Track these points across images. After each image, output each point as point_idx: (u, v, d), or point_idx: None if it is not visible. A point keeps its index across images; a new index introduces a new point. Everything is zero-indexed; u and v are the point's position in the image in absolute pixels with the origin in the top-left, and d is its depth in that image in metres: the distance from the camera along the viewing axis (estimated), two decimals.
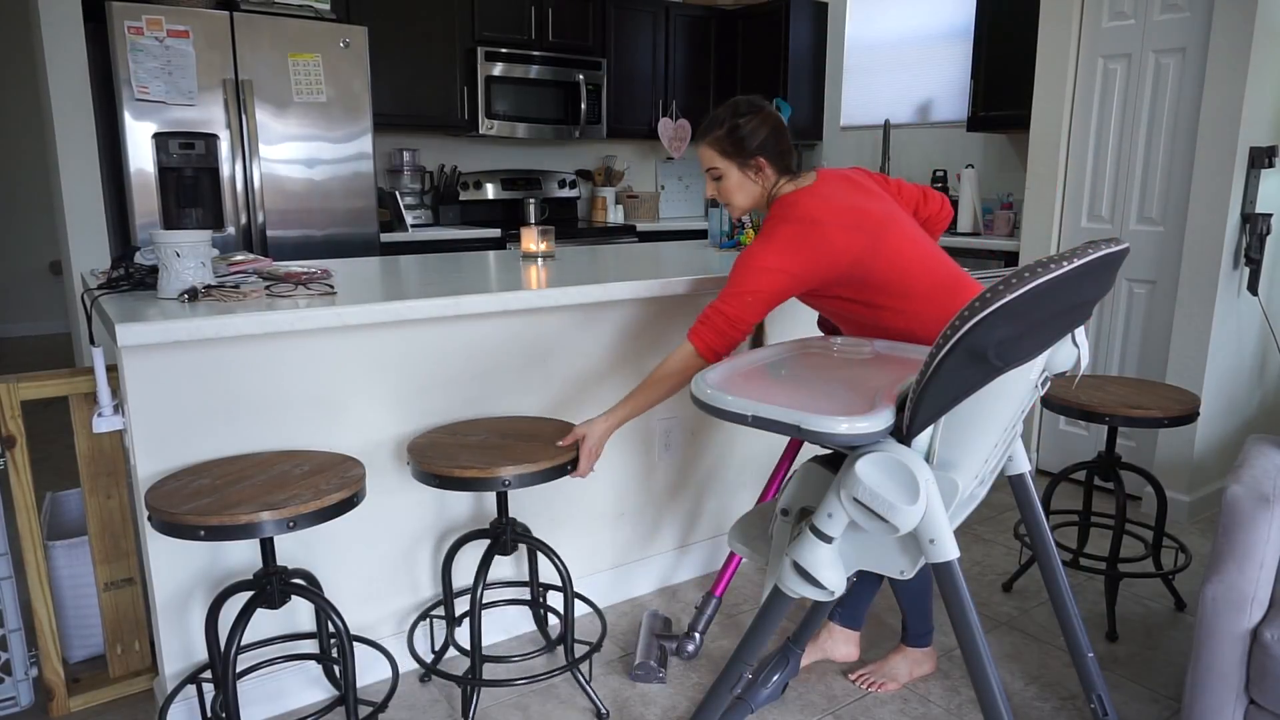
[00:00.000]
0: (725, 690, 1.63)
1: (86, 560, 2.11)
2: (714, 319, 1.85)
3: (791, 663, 1.99)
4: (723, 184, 2.00)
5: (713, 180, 2.01)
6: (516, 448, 1.89)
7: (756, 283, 1.83)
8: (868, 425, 1.28)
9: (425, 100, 4.42)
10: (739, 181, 1.98)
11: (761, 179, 1.98)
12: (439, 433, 2.01)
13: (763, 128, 1.95)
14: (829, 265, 1.84)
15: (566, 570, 2.02)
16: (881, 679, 2.17)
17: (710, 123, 1.98)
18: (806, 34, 5.13)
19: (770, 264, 1.83)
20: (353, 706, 1.75)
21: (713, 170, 1.99)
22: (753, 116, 1.95)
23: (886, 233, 1.87)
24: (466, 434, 1.99)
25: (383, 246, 4.07)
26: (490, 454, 1.85)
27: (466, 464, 1.78)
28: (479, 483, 1.77)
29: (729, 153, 1.96)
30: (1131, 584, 2.73)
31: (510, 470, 1.77)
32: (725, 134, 1.95)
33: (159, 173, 3.42)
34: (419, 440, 1.95)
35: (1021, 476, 1.80)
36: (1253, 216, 2.99)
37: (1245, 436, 3.41)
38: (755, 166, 1.96)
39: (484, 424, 2.07)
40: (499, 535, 1.99)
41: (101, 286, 1.99)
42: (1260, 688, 1.65)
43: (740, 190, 1.99)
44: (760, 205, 2.03)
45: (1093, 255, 1.26)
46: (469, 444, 1.92)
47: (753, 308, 1.83)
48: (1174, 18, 3.07)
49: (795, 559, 1.41)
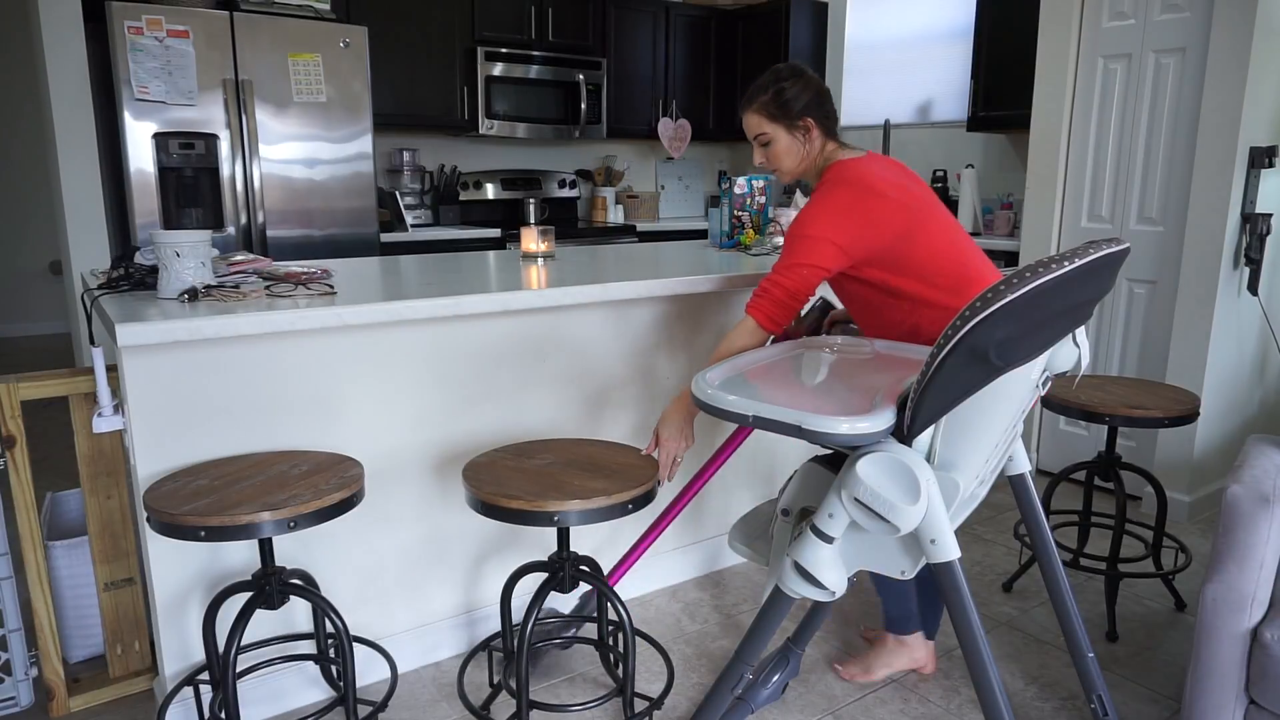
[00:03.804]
0: (726, 691, 1.63)
1: (86, 560, 2.11)
2: (773, 291, 1.86)
3: (791, 663, 1.99)
4: (772, 148, 1.99)
5: (760, 146, 2.01)
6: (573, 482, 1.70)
7: (813, 255, 1.83)
8: (868, 425, 1.28)
9: (425, 100, 4.42)
10: (788, 145, 1.98)
11: (809, 141, 1.98)
12: (502, 453, 1.88)
13: (807, 90, 1.96)
14: (874, 237, 1.84)
15: (628, 613, 1.83)
16: (856, 671, 2.17)
17: (754, 90, 1.99)
18: (806, 34, 5.13)
19: (822, 233, 1.83)
20: (352, 706, 1.75)
21: (761, 136, 1.99)
22: (796, 80, 1.96)
23: (929, 217, 1.88)
24: (532, 456, 1.86)
25: (383, 246, 4.07)
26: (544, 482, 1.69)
27: (514, 494, 1.63)
28: (526, 516, 1.61)
29: (776, 116, 1.96)
30: (1131, 584, 2.73)
31: (561, 505, 1.60)
32: (771, 98, 1.95)
33: (159, 173, 3.42)
34: (479, 460, 1.84)
35: (1022, 476, 1.80)
36: (1253, 216, 2.99)
37: (1245, 436, 3.41)
38: (804, 128, 1.96)
39: (555, 446, 1.93)
40: (557, 571, 1.84)
41: (101, 286, 1.99)
42: (1260, 688, 1.64)
43: (789, 154, 1.99)
44: (809, 171, 2.02)
45: (1094, 255, 1.26)
46: (527, 469, 1.77)
47: (809, 280, 1.84)
48: (1174, 18, 3.07)
49: (796, 559, 1.41)
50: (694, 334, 2.57)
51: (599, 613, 2.14)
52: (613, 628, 2.22)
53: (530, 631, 1.74)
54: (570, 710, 2.05)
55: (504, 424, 2.27)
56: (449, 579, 2.27)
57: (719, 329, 2.60)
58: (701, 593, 2.64)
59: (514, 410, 2.28)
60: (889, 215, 1.84)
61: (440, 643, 2.28)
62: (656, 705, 1.97)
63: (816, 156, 2.00)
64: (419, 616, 2.24)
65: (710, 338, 2.59)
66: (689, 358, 2.57)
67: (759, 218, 3.12)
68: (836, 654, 2.30)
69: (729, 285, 2.37)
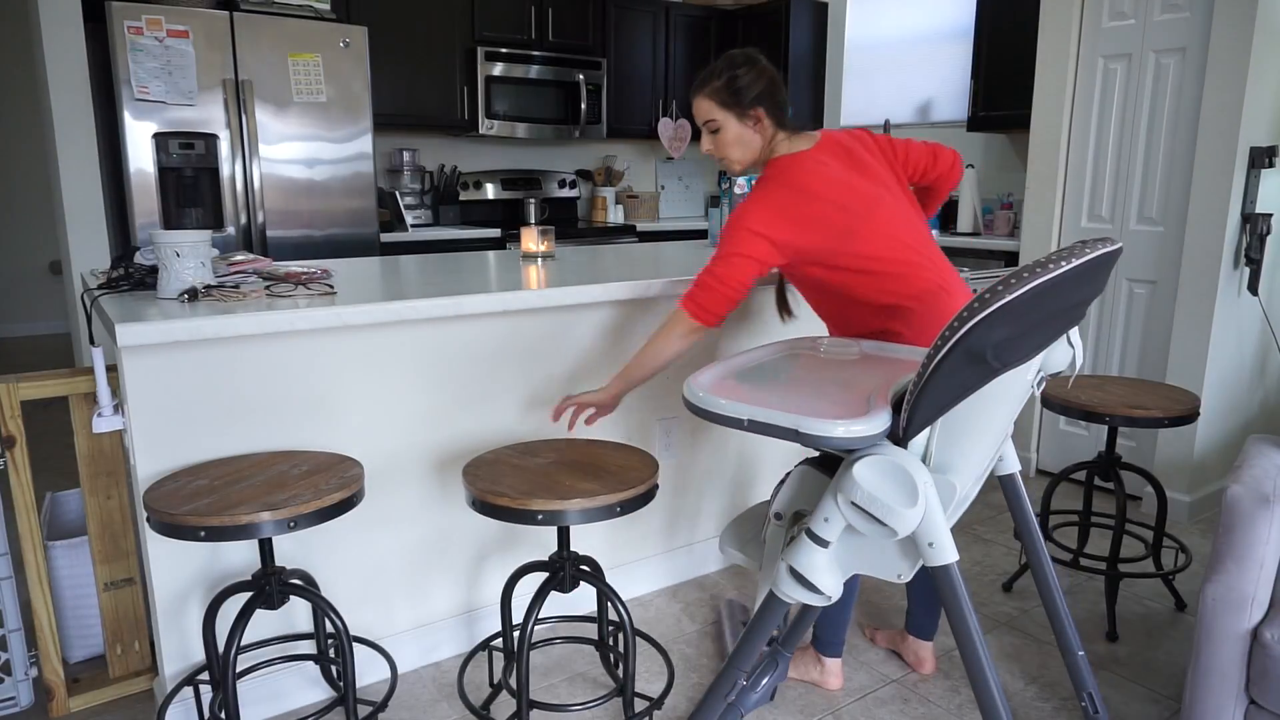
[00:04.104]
0: (719, 697, 1.63)
1: (86, 560, 2.11)
2: (709, 284, 1.84)
3: (780, 666, 1.99)
4: (720, 136, 1.96)
5: (710, 134, 1.98)
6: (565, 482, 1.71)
7: (749, 246, 1.82)
8: (864, 428, 1.27)
9: (425, 100, 4.42)
10: (737, 134, 1.95)
11: (760, 131, 1.95)
12: (503, 452, 1.90)
13: (760, 79, 1.92)
14: (808, 239, 1.84)
15: (628, 613, 1.84)
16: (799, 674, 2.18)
17: (707, 75, 1.95)
18: (806, 34, 5.13)
19: (759, 228, 1.82)
20: (352, 707, 1.75)
21: (710, 123, 1.96)
22: (750, 68, 1.93)
23: (871, 214, 1.86)
24: (536, 455, 1.87)
25: (383, 246, 4.07)
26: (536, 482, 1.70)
27: (503, 492, 1.65)
28: (513, 514, 1.63)
29: (727, 103, 1.93)
30: (1132, 584, 2.73)
31: (546, 505, 1.61)
32: (724, 84, 1.92)
33: (159, 173, 3.42)
34: (485, 456, 1.86)
35: (1011, 476, 1.80)
36: (1253, 216, 2.99)
37: (1245, 436, 3.40)
38: (754, 118, 1.93)
39: (561, 446, 1.94)
40: (557, 570, 1.84)
41: (101, 286, 1.99)
42: (1260, 688, 1.64)
43: (739, 143, 1.96)
44: (756, 161, 1.99)
45: (1090, 255, 1.26)
46: (525, 468, 1.78)
47: (743, 269, 1.83)
48: (1174, 18, 3.07)
49: (791, 564, 1.40)
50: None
51: (599, 612, 2.14)
52: (613, 628, 2.22)
53: (530, 631, 1.73)
54: (570, 710, 2.05)
55: (504, 424, 2.27)
56: (449, 579, 2.27)
57: (718, 328, 2.60)
58: (701, 593, 2.64)
59: (514, 410, 2.28)
60: (824, 218, 1.83)
61: (440, 643, 2.28)
62: (657, 705, 1.97)
63: (764, 147, 1.96)
64: (419, 617, 2.24)
65: (709, 338, 2.59)
66: (688, 357, 2.57)
67: None
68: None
69: None
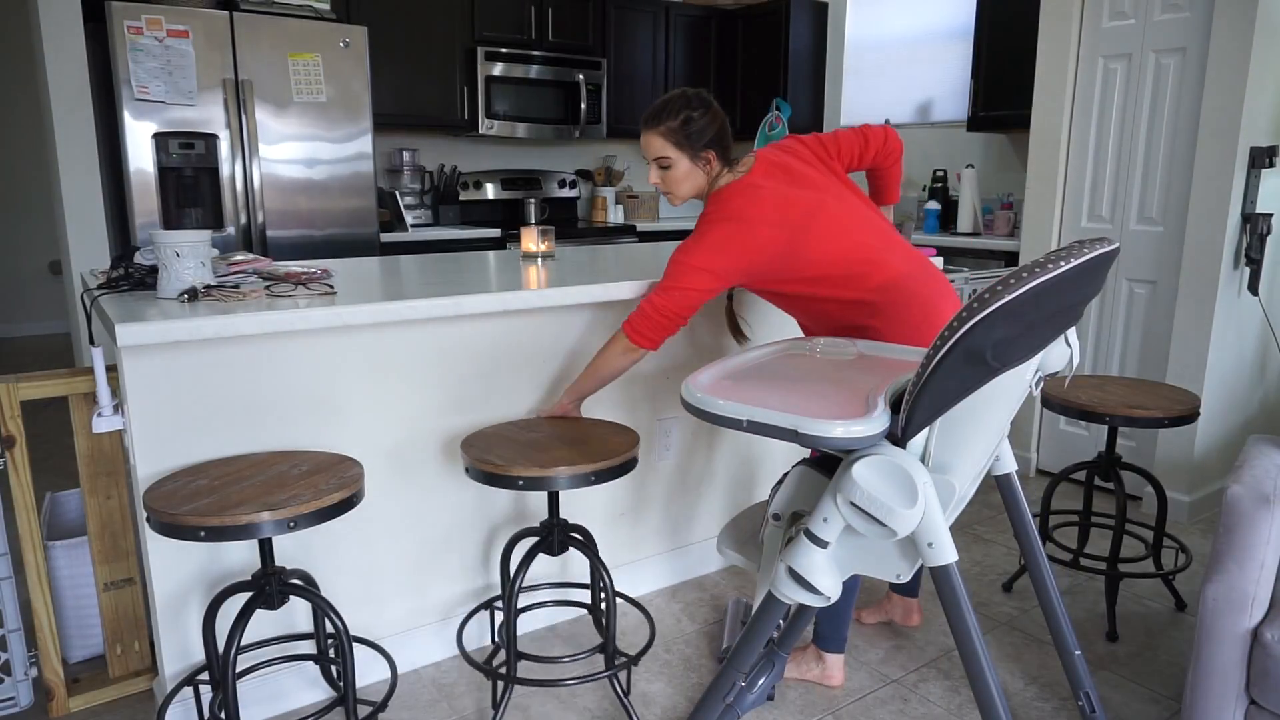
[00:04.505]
0: (718, 698, 1.63)
1: (86, 560, 2.11)
2: (648, 312, 1.95)
3: (777, 666, 1.99)
4: (670, 173, 2.04)
5: (660, 169, 2.05)
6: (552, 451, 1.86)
7: (688, 280, 1.92)
8: (863, 429, 1.27)
9: (425, 100, 4.42)
10: (687, 171, 2.03)
11: (708, 170, 2.04)
12: (505, 426, 2.06)
13: (714, 123, 2.01)
14: (751, 262, 1.93)
15: (610, 578, 1.97)
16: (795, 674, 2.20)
17: (661, 111, 2.00)
18: (806, 34, 5.13)
19: (700, 263, 1.92)
20: (352, 707, 1.75)
21: (662, 160, 2.03)
22: (705, 111, 2.01)
23: (814, 223, 1.94)
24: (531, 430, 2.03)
25: (383, 246, 4.07)
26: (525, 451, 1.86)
27: (491, 460, 1.81)
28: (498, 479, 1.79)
29: (681, 144, 2.00)
30: (1132, 584, 2.73)
31: (525, 471, 1.76)
32: (680, 125, 1.99)
33: (159, 173, 3.42)
34: (487, 430, 2.02)
35: (1008, 476, 1.80)
36: (1253, 216, 2.99)
37: (1245, 436, 3.40)
38: (705, 159, 2.02)
39: (558, 422, 2.09)
40: (547, 535, 2.00)
41: (101, 286, 1.99)
42: (1261, 688, 1.64)
43: (688, 180, 2.04)
44: (699, 194, 2.08)
45: (1089, 255, 1.26)
46: (517, 440, 1.94)
47: (684, 302, 1.93)
48: (1174, 18, 3.07)
49: (790, 564, 1.40)
50: (692, 334, 2.57)
51: (591, 578, 2.27)
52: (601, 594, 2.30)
53: (518, 584, 1.89)
54: (560, 662, 2.24)
55: None
56: (449, 579, 2.27)
57: (717, 329, 2.60)
58: (701, 593, 2.64)
59: (514, 409, 2.28)
60: (766, 241, 1.92)
61: (440, 643, 2.28)
62: (634, 661, 2.06)
63: (708, 182, 2.06)
64: (419, 617, 2.24)
65: (708, 337, 2.59)
66: (687, 358, 2.57)
67: None
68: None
69: None
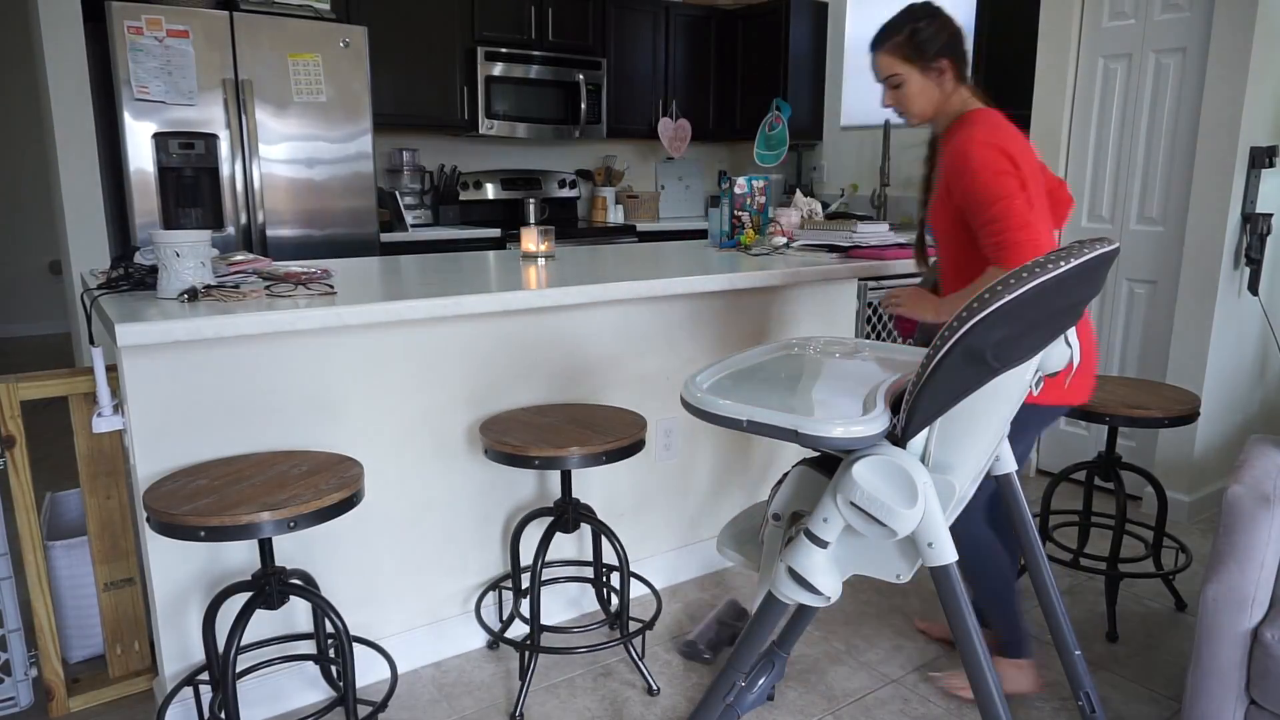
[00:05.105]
0: (718, 699, 1.63)
1: (86, 560, 2.11)
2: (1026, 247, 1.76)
3: (777, 666, 1.99)
4: (904, 90, 1.96)
5: (892, 88, 1.98)
6: (564, 434, 1.98)
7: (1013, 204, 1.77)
8: (863, 429, 1.27)
9: (425, 100, 4.42)
10: (921, 87, 1.95)
11: (943, 84, 1.95)
12: (523, 412, 2.18)
13: (944, 30, 1.92)
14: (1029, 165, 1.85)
15: (624, 551, 2.10)
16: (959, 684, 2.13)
17: (887, 29, 1.95)
18: (806, 34, 5.13)
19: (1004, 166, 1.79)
20: (352, 707, 1.75)
21: (893, 78, 1.96)
22: (932, 20, 1.93)
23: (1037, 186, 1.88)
24: (545, 415, 2.15)
25: (383, 246, 4.06)
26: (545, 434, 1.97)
27: (511, 441, 1.92)
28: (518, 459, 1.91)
29: (910, 57, 1.93)
30: (1132, 584, 2.73)
31: (541, 451, 1.88)
32: (906, 38, 1.92)
33: (159, 172, 3.42)
34: (503, 414, 2.14)
35: (1008, 476, 1.79)
36: (1253, 216, 2.99)
37: (1245, 436, 3.40)
38: (938, 70, 1.94)
39: (570, 409, 2.19)
40: (562, 514, 2.12)
41: (101, 286, 1.99)
42: (1261, 688, 1.64)
43: (922, 95, 1.96)
44: (941, 116, 1.99)
45: (1089, 255, 1.26)
46: (536, 424, 2.06)
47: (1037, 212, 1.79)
48: (1174, 18, 3.07)
49: (790, 564, 1.40)
50: (693, 334, 2.57)
51: (595, 554, 2.37)
52: (607, 569, 2.41)
53: (540, 566, 2.02)
54: (574, 632, 2.41)
55: None
56: (450, 578, 2.27)
57: (718, 329, 2.60)
58: (702, 593, 2.64)
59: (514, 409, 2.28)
60: (1035, 168, 1.86)
61: (440, 642, 2.28)
62: (649, 626, 2.20)
63: (948, 101, 1.97)
64: (419, 616, 2.24)
65: (710, 337, 2.59)
66: (688, 357, 2.57)
67: (759, 218, 3.12)
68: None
69: (729, 285, 2.37)
